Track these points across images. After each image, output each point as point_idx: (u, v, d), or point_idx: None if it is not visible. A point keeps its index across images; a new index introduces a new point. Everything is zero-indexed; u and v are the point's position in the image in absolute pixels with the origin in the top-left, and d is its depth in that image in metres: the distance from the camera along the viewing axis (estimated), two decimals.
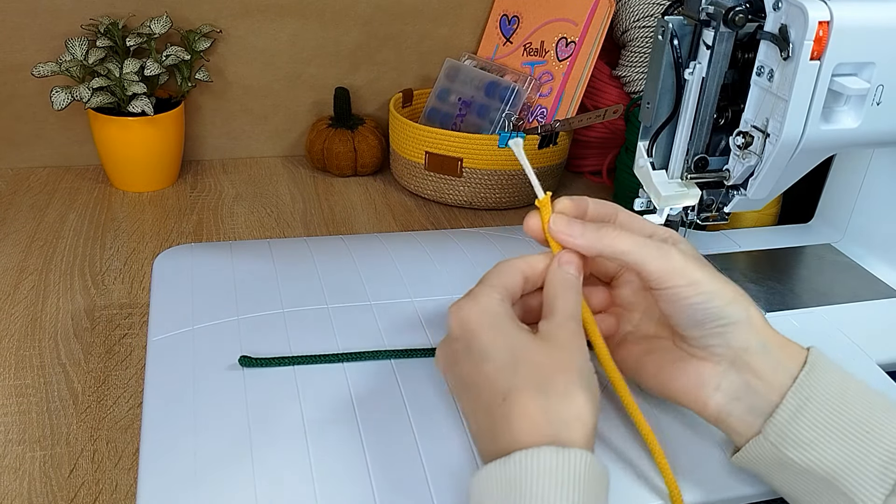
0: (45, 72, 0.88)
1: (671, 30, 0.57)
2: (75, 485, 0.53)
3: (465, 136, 0.91)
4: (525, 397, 0.40)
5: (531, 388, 0.40)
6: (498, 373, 0.41)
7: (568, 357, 0.42)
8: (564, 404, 0.40)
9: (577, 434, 0.39)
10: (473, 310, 0.43)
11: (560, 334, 0.43)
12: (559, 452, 0.38)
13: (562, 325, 0.43)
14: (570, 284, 0.46)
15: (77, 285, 0.76)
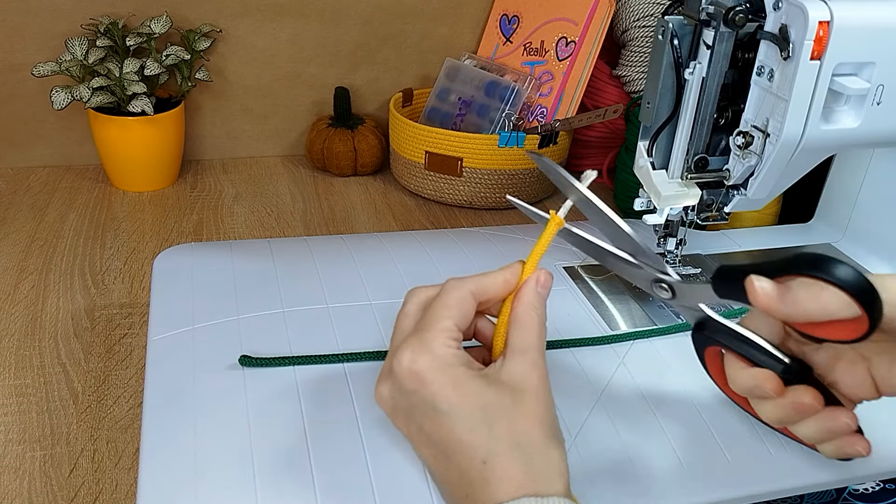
0: (45, 71, 0.88)
1: (671, 29, 0.57)
2: (75, 484, 0.53)
3: (465, 136, 0.91)
4: (505, 459, 0.38)
5: (510, 449, 0.38)
6: (472, 435, 0.39)
7: (539, 406, 0.40)
8: (544, 460, 0.38)
9: (558, 486, 0.38)
10: (428, 363, 0.40)
11: (528, 379, 0.40)
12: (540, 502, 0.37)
13: (533, 367, 0.41)
14: (539, 315, 0.43)
15: (77, 285, 0.76)
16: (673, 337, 0.60)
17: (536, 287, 0.44)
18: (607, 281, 0.68)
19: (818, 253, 0.39)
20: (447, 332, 0.41)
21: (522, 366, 0.41)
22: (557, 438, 0.40)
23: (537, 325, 0.43)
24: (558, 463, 0.39)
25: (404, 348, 0.41)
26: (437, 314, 0.42)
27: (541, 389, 0.40)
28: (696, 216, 0.63)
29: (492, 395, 0.40)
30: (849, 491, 0.57)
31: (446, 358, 0.40)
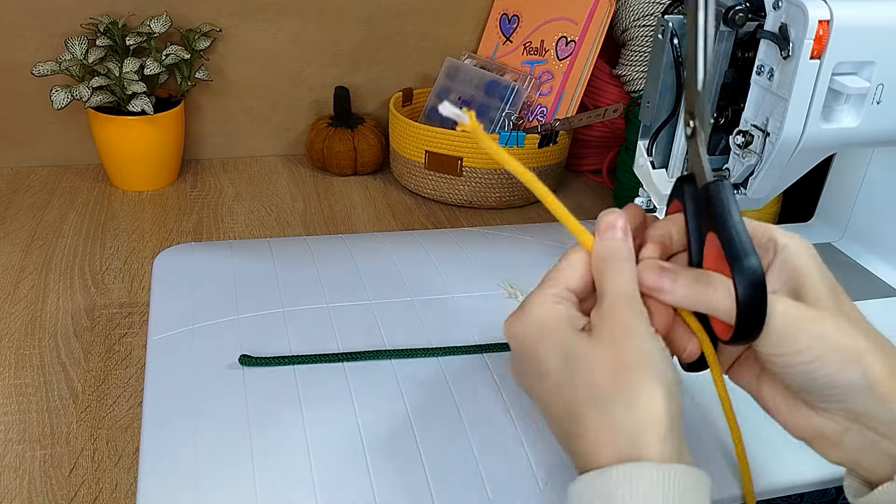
0: (44, 71, 0.88)
1: (671, 29, 0.57)
2: (75, 484, 0.53)
3: (465, 136, 0.91)
4: (589, 415, 0.36)
5: (592, 403, 0.37)
6: (558, 389, 0.38)
7: (623, 351, 0.37)
8: (630, 413, 0.36)
9: (651, 438, 0.35)
10: (521, 324, 0.40)
11: (610, 324, 0.38)
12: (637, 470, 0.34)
13: (611, 312, 0.38)
14: (613, 254, 0.40)
15: (77, 284, 0.76)
16: None
17: (602, 234, 0.42)
18: None
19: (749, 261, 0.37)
20: (544, 294, 0.40)
21: (598, 313, 0.39)
22: (650, 383, 0.36)
23: (609, 269, 0.40)
24: (649, 413, 0.35)
25: (508, 318, 0.41)
26: (542, 280, 0.42)
27: (626, 332, 0.37)
28: None
29: (576, 345, 0.38)
30: None
31: (537, 315, 0.40)
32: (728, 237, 0.38)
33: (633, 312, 0.38)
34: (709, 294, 0.38)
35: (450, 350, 0.55)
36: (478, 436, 0.49)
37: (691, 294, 0.39)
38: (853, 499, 0.40)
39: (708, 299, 0.38)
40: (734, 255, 0.37)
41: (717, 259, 0.39)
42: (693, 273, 0.40)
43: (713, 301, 0.38)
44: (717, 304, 0.38)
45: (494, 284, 0.65)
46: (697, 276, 0.39)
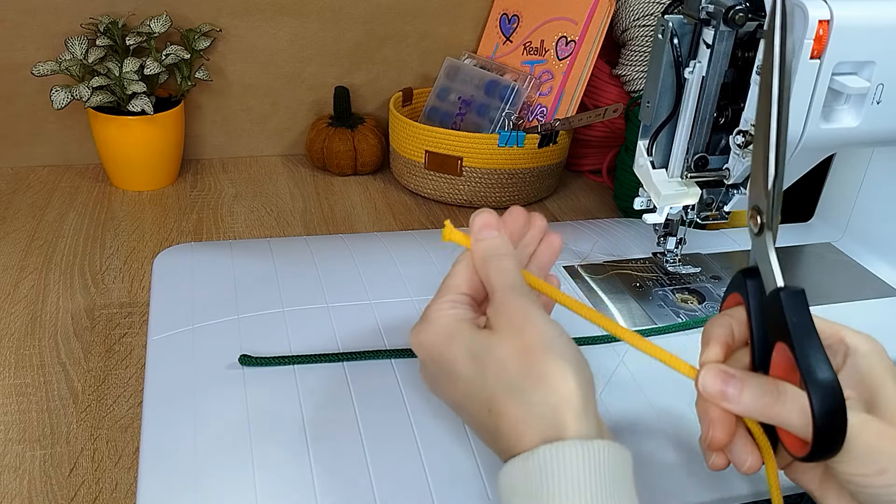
0: (44, 71, 0.88)
1: (671, 29, 0.57)
2: (75, 484, 0.53)
3: (465, 135, 0.91)
4: (506, 406, 0.37)
5: (507, 394, 0.37)
6: (471, 386, 0.39)
7: (525, 337, 0.38)
8: (544, 395, 0.36)
9: (568, 417, 0.36)
10: (425, 333, 0.41)
11: (506, 315, 0.39)
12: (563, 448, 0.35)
13: (503, 304, 0.40)
14: (492, 252, 0.42)
15: (77, 284, 0.76)
16: (673, 336, 0.60)
17: (477, 235, 0.43)
18: (607, 280, 0.68)
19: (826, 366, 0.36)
20: (443, 300, 0.42)
21: (492, 308, 0.40)
22: (556, 364, 0.37)
23: (492, 266, 0.42)
24: (559, 391, 0.36)
25: (412, 330, 0.42)
26: (440, 287, 0.44)
27: (520, 320, 0.39)
28: (696, 215, 0.64)
29: (479, 340, 0.39)
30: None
31: (440, 321, 0.41)
32: (803, 351, 0.37)
33: (525, 300, 0.39)
34: (780, 408, 0.37)
35: None
36: None
37: (760, 407, 0.38)
38: None
39: (778, 413, 0.37)
40: (810, 371, 0.36)
41: (787, 368, 0.38)
42: (762, 382, 0.38)
43: (785, 416, 0.37)
44: (790, 419, 0.37)
45: None
46: (767, 386, 0.38)
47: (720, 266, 0.71)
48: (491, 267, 0.42)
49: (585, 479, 0.34)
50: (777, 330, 0.39)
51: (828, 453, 0.36)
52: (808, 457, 0.36)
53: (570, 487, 0.34)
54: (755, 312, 0.41)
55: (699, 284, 0.68)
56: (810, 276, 0.71)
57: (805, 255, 0.75)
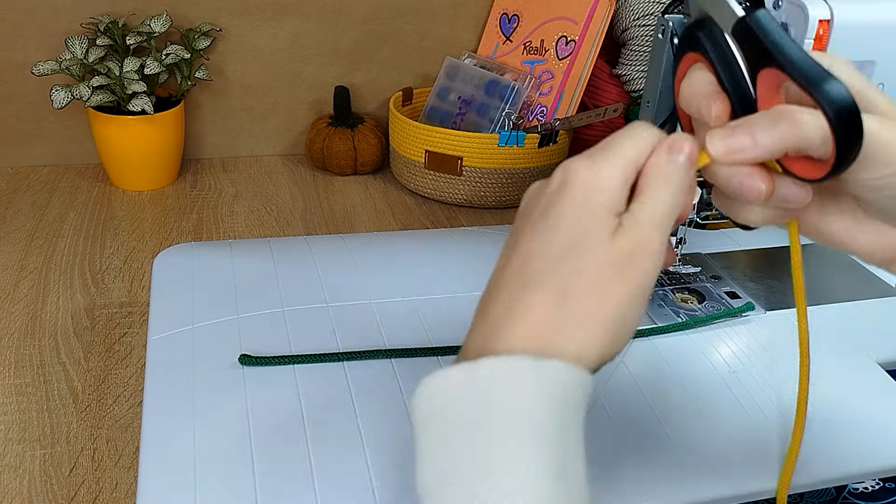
0: (45, 70, 0.88)
1: (671, 28, 0.57)
2: (75, 483, 0.53)
3: (465, 135, 0.91)
4: (544, 300, 0.34)
5: (554, 297, 0.34)
6: (545, 254, 0.35)
7: (616, 286, 0.34)
8: (577, 329, 0.34)
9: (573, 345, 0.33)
10: (583, 174, 0.36)
11: (627, 240, 0.35)
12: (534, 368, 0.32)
13: (633, 229, 0.35)
14: (669, 176, 0.36)
15: (77, 284, 0.76)
16: (672, 336, 0.60)
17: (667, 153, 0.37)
18: None
19: None
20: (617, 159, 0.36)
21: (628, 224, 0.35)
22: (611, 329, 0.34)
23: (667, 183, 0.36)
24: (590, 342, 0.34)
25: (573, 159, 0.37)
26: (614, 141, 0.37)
27: (634, 257, 0.35)
28: (696, 215, 0.64)
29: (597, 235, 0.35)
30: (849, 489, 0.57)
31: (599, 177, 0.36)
32: (795, 62, 0.34)
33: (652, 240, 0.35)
34: (797, 129, 0.34)
35: (450, 350, 0.55)
36: None
37: (778, 138, 0.34)
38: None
39: (797, 134, 0.34)
40: (812, 78, 0.33)
41: (776, 95, 0.36)
42: (766, 115, 0.35)
43: (803, 134, 0.34)
44: (809, 134, 0.34)
45: None
46: (773, 116, 0.35)
47: (720, 266, 0.71)
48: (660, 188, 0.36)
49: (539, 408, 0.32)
50: (757, 59, 0.36)
51: (849, 158, 0.34)
52: (833, 168, 0.34)
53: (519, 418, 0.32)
54: (720, 59, 0.37)
55: (699, 284, 0.68)
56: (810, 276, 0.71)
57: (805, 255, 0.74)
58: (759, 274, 0.70)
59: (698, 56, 0.39)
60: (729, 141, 0.36)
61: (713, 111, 0.37)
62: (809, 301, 0.67)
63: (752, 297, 0.66)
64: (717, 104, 0.37)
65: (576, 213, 0.35)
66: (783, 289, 0.68)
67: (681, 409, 0.52)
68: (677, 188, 0.36)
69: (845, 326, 0.62)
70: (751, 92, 0.37)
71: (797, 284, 0.40)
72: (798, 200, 0.37)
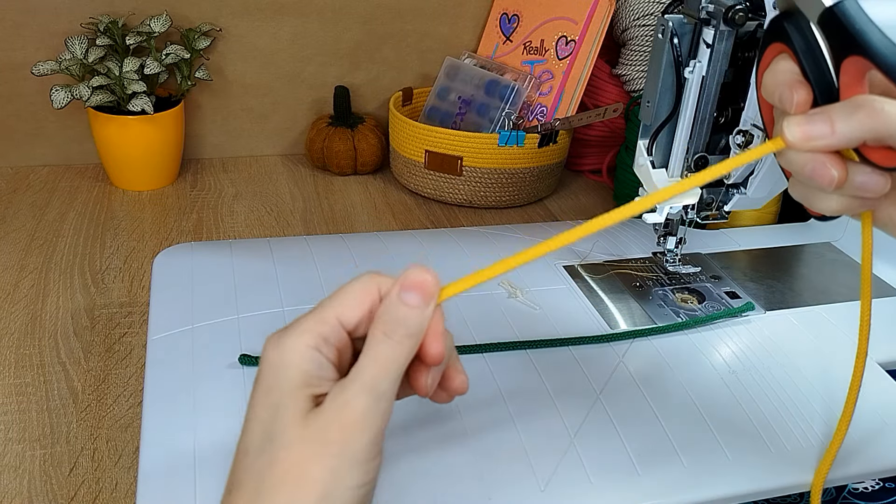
0: (44, 70, 0.88)
1: (671, 28, 0.57)
2: (75, 483, 0.54)
3: (465, 135, 0.91)
4: (240, 502, 0.32)
5: (250, 493, 0.32)
6: (243, 454, 0.34)
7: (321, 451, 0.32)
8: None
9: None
10: (270, 354, 0.34)
11: (325, 412, 0.32)
12: None
13: (335, 399, 0.33)
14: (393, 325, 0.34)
15: (77, 284, 0.76)
16: (672, 336, 0.60)
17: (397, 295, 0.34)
18: (607, 280, 0.68)
19: None
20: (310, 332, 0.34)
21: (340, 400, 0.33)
22: None
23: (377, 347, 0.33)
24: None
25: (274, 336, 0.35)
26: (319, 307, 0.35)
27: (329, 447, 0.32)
28: (696, 215, 0.64)
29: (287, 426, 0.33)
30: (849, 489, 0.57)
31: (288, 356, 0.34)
32: (880, 50, 0.34)
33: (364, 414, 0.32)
34: (877, 118, 0.33)
35: None
36: (477, 437, 0.49)
37: (857, 125, 0.34)
38: None
39: (877, 124, 0.33)
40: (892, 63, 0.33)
41: (859, 84, 0.35)
42: (846, 104, 0.35)
43: (883, 124, 0.33)
44: (889, 124, 0.33)
45: (494, 284, 0.65)
46: (853, 105, 0.34)
47: (720, 266, 0.71)
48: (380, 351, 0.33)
49: None
50: (842, 47, 0.36)
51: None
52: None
53: None
54: (805, 50, 0.37)
55: (699, 284, 0.68)
56: (810, 276, 0.71)
57: (805, 255, 0.75)
58: (759, 274, 0.70)
59: (783, 47, 0.39)
60: (807, 127, 0.35)
61: (795, 99, 0.36)
62: (810, 301, 0.67)
63: (752, 297, 0.66)
64: (799, 92, 0.36)
65: (267, 398, 0.33)
66: (783, 289, 0.68)
67: (681, 409, 0.52)
68: (404, 335, 0.33)
69: (845, 326, 0.62)
70: (835, 83, 0.37)
71: (865, 276, 0.39)
72: (876, 189, 0.36)
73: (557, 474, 0.46)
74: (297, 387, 0.33)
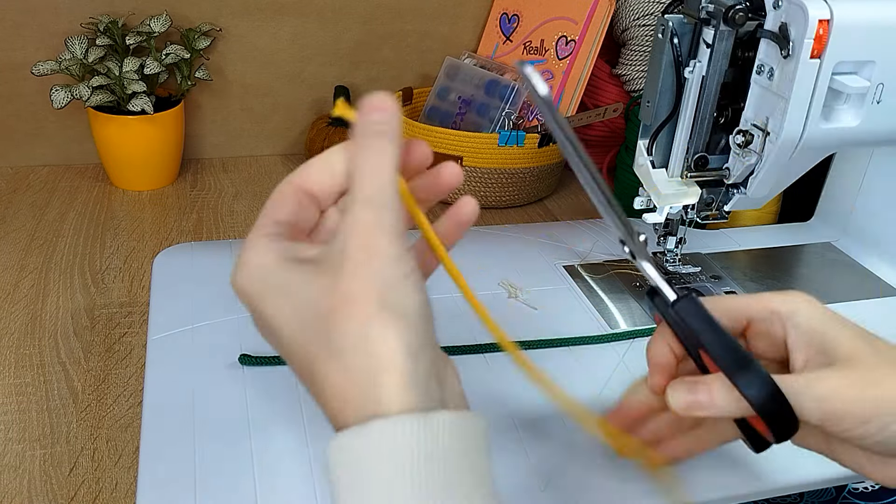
0: (44, 70, 0.88)
1: (671, 28, 0.57)
2: (75, 483, 0.53)
3: (465, 135, 0.91)
4: (325, 367, 0.31)
5: (325, 354, 0.31)
6: (293, 343, 0.32)
7: (352, 283, 0.31)
8: (360, 356, 0.30)
9: (386, 388, 0.30)
10: (242, 279, 0.34)
11: (342, 246, 0.31)
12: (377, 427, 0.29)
13: (349, 227, 0.32)
14: (375, 129, 0.33)
15: (77, 284, 0.76)
16: None
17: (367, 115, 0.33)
18: (607, 280, 0.68)
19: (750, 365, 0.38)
20: (259, 235, 0.34)
21: (343, 228, 0.32)
22: (387, 315, 0.31)
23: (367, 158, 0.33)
24: (379, 353, 0.30)
25: (231, 273, 0.35)
26: (257, 221, 0.35)
27: (355, 257, 0.31)
28: (696, 215, 0.64)
29: (302, 286, 0.32)
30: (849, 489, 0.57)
31: (256, 264, 0.33)
32: (715, 356, 0.38)
33: (380, 220, 0.32)
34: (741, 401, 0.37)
35: (450, 349, 0.55)
36: None
37: (731, 401, 0.38)
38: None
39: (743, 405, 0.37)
40: (729, 369, 0.37)
41: None
42: (720, 380, 0.38)
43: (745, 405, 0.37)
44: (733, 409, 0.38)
45: (494, 284, 0.65)
46: (724, 382, 0.38)
47: (720, 266, 0.71)
48: (363, 163, 0.33)
49: (412, 462, 0.29)
50: (692, 339, 0.40)
51: (787, 435, 0.38)
52: (776, 440, 0.38)
53: (392, 475, 0.29)
54: (672, 327, 0.42)
55: (699, 284, 0.68)
56: (810, 276, 0.71)
57: (805, 255, 0.75)
58: (759, 274, 0.70)
59: None
60: (687, 394, 0.39)
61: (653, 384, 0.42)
62: None
63: None
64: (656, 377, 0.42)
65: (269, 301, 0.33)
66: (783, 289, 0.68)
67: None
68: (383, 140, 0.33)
69: None
70: None
71: None
72: None
73: (557, 474, 0.46)
74: (280, 263, 0.33)
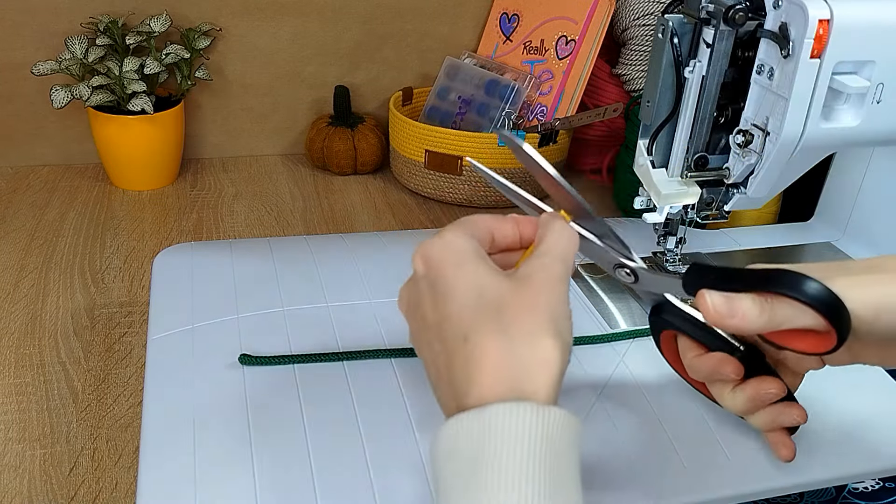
0: (44, 70, 0.88)
1: (671, 28, 0.57)
2: (75, 483, 0.54)
3: (465, 135, 0.91)
4: (487, 339, 0.36)
5: (494, 329, 0.36)
6: (461, 311, 0.37)
7: (540, 298, 0.38)
8: (529, 347, 0.36)
9: (540, 380, 0.36)
10: (437, 245, 0.40)
11: (538, 274, 0.39)
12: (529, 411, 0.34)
13: (543, 266, 0.39)
14: (565, 228, 0.43)
15: (77, 283, 0.76)
16: None
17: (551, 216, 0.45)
18: (607, 279, 0.68)
19: (788, 270, 0.39)
20: (461, 227, 0.42)
21: (533, 264, 0.40)
22: (553, 332, 0.37)
23: (559, 231, 0.42)
24: (546, 353, 0.36)
25: (421, 242, 0.41)
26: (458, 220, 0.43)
27: (546, 285, 0.38)
28: (696, 215, 0.63)
29: (492, 278, 0.38)
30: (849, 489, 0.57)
31: (456, 241, 0.40)
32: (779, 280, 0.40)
33: (560, 274, 0.39)
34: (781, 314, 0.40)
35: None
36: None
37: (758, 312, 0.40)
38: None
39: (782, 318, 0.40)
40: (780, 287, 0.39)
41: None
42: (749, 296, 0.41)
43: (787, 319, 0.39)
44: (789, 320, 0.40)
45: None
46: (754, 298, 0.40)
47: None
48: (557, 235, 0.42)
49: (535, 446, 0.33)
50: None
51: (846, 333, 0.39)
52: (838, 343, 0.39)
53: (517, 452, 0.33)
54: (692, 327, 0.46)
55: None
56: None
57: (805, 255, 0.75)
58: None
59: (673, 332, 0.47)
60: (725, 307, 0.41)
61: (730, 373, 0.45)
62: None
63: None
64: (729, 366, 0.45)
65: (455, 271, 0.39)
66: None
67: (681, 409, 0.52)
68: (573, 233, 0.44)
69: None
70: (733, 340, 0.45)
71: None
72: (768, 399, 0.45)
73: None
74: (477, 251, 0.40)
